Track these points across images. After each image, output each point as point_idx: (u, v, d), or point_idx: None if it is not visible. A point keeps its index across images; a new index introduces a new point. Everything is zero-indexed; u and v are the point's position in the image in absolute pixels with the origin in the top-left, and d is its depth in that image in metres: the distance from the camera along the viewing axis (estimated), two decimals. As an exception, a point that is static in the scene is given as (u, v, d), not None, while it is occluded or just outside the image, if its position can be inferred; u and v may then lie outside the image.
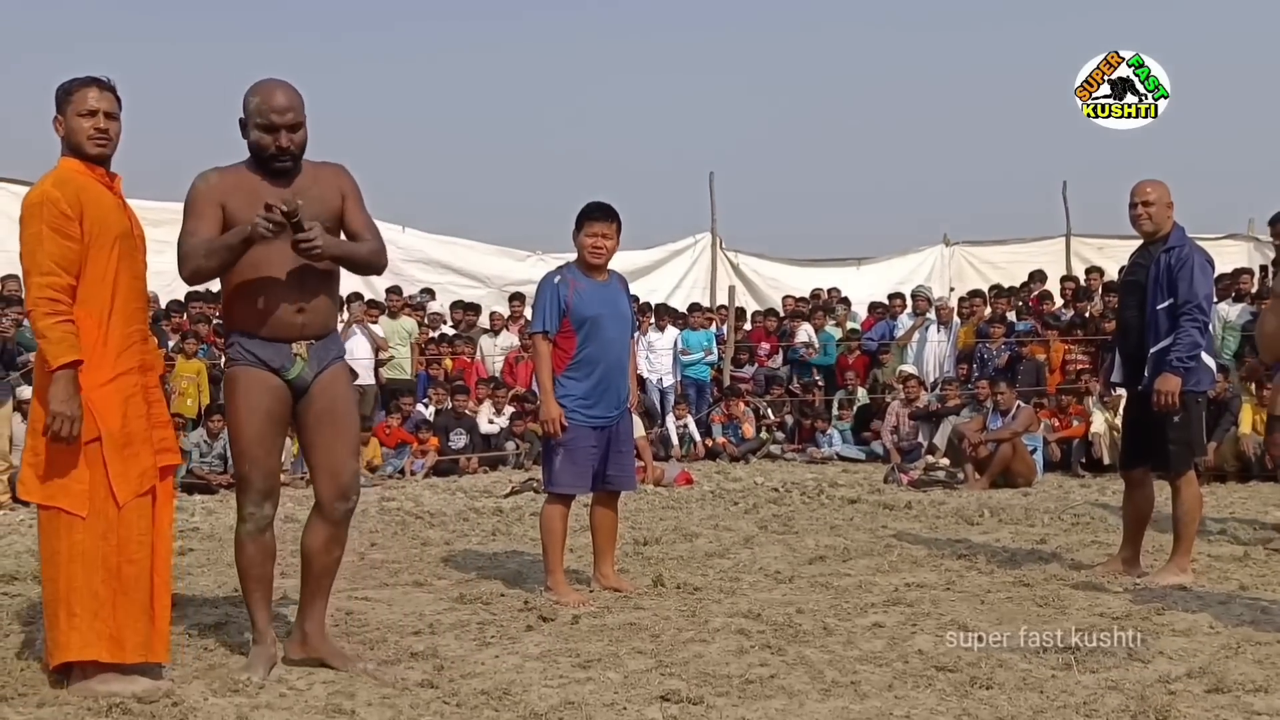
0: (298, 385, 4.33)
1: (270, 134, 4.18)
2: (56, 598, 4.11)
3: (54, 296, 4.05)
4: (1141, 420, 6.17)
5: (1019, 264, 18.24)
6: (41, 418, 4.11)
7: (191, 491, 10.70)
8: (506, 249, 18.45)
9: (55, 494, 4.11)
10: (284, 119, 4.19)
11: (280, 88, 4.23)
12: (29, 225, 4.08)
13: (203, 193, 4.23)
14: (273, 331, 4.26)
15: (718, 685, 4.16)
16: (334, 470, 4.41)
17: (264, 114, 4.19)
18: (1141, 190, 6.19)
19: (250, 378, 4.27)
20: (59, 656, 4.12)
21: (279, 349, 4.28)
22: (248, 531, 4.38)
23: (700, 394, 15.07)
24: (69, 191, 4.10)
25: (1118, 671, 4.28)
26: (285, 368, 4.29)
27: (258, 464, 4.30)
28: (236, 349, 4.30)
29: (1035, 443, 11.50)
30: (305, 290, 4.27)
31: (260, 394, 4.27)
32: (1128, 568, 6.25)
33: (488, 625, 5.21)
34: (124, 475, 4.16)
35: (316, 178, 4.35)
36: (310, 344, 4.33)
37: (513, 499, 10.25)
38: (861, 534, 7.85)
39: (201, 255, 4.15)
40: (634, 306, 6.21)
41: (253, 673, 4.27)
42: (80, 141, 4.20)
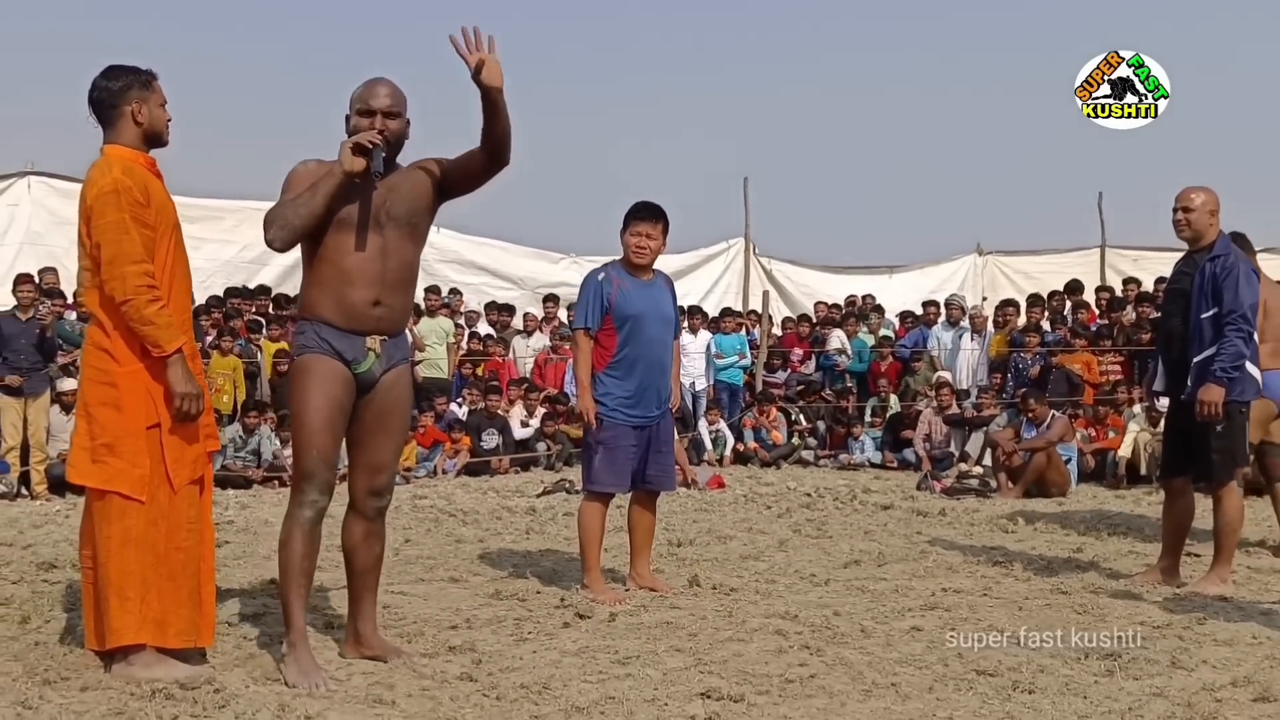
0: (364, 380, 4.30)
1: (367, 118, 4.23)
2: (108, 582, 4.14)
3: (151, 284, 4.13)
4: (1184, 430, 6.12)
5: (1053, 274, 18.15)
6: (98, 402, 4.16)
7: (225, 486, 10.76)
8: (541, 251, 18.51)
9: (113, 478, 4.15)
10: (380, 104, 4.24)
11: (384, 81, 4.32)
12: (108, 213, 4.10)
13: (300, 174, 4.26)
14: (349, 323, 4.24)
15: (758, 684, 4.15)
16: (375, 469, 4.43)
17: (365, 100, 4.26)
18: (1185, 196, 6.15)
19: (323, 365, 4.23)
20: (111, 640, 4.15)
21: (353, 341, 4.25)
22: (305, 519, 4.25)
23: (733, 398, 15.05)
24: (138, 180, 4.18)
25: (1161, 679, 4.24)
26: (357, 360, 4.26)
27: (323, 452, 4.23)
28: (311, 336, 4.26)
29: (1070, 453, 11.42)
30: (385, 285, 4.26)
31: (332, 382, 4.23)
32: (1166, 578, 6.20)
33: (524, 621, 5.22)
34: (179, 461, 4.22)
35: (408, 175, 4.37)
36: (383, 340, 4.32)
37: (545, 499, 10.27)
38: (896, 539, 7.82)
39: (289, 209, 4.16)
40: (679, 308, 6.20)
41: (310, 680, 4.10)
42: (160, 130, 4.36)
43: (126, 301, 4.09)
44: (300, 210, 4.14)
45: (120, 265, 4.09)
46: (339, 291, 4.22)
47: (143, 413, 4.17)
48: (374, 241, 4.22)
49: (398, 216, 4.27)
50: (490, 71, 4.06)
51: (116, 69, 4.32)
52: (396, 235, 4.27)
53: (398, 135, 4.30)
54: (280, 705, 3.82)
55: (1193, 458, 6.12)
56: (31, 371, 10.75)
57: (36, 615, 5.13)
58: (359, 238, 4.20)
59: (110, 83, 4.28)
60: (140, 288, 4.09)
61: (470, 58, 4.07)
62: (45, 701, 3.85)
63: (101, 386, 4.18)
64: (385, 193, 4.25)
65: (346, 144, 4.15)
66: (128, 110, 4.27)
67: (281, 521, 4.36)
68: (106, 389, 4.17)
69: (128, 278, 4.08)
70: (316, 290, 4.27)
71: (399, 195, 4.28)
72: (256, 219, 17.25)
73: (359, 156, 4.12)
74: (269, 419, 11.97)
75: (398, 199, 4.27)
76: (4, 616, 5.12)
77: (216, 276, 14.50)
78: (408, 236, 4.32)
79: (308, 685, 4.06)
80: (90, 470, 4.17)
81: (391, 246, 4.26)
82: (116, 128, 4.28)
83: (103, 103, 4.27)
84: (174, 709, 3.78)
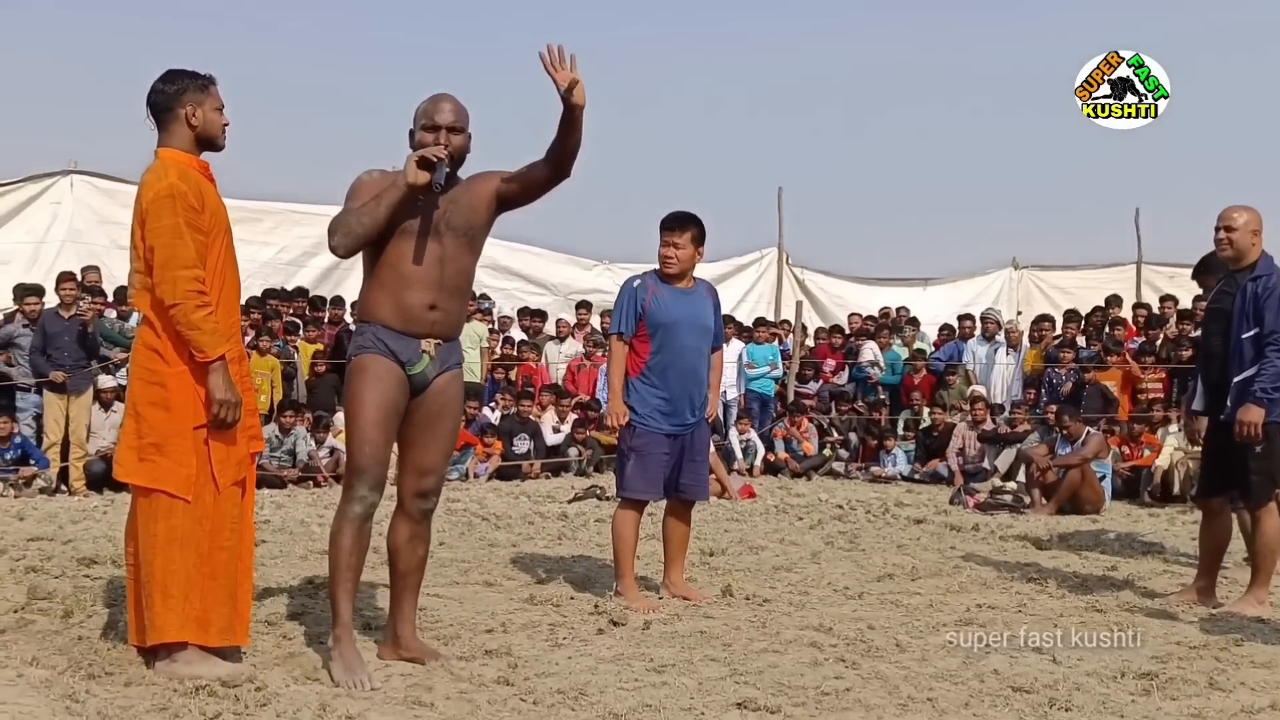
0: (418, 381, 4.42)
1: (432, 133, 4.37)
2: (152, 579, 4.20)
3: (201, 289, 4.20)
4: (1222, 449, 6.09)
5: (1089, 290, 18.06)
6: (147, 402, 4.22)
7: (260, 486, 10.82)
8: (574, 258, 18.56)
9: (160, 477, 4.21)
10: (445, 119, 4.38)
11: (450, 98, 4.46)
12: (164, 217, 4.16)
13: (365, 183, 4.39)
14: (405, 325, 4.36)
15: (794, 695, 4.17)
16: (424, 471, 4.53)
17: (430, 116, 4.40)
18: (1227, 215, 6.13)
19: (380, 365, 4.35)
20: (153, 637, 4.20)
21: (409, 343, 4.37)
22: (355, 515, 4.33)
23: (764, 408, 15.05)
24: (192, 185, 4.24)
25: (1199, 700, 4.22)
26: (412, 362, 4.38)
27: (377, 450, 4.32)
28: (369, 337, 4.38)
29: (1104, 470, 11.36)
30: (442, 290, 4.39)
31: (388, 382, 4.35)
32: (1203, 598, 6.16)
33: (559, 627, 5.24)
34: (225, 462, 4.28)
35: (469, 187, 4.49)
36: (438, 344, 4.44)
37: (577, 505, 10.31)
38: (929, 554, 7.81)
39: (353, 218, 4.27)
40: (720, 318, 6.20)
41: (355, 675, 4.17)
42: (215, 134, 4.42)
43: (175, 305, 4.14)
44: (364, 219, 4.26)
45: (172, 269, 4.15)
46: (397, 295, 4.36)
47: (191, 413, 4.23)
48: (433, 250, 4.36)
49: (456, 227, 4.41)
50: (579, 91, 4.25)
51: (175, 72, 4.39)
52: (454, 245, 4.41)
53: (460, 150, 4.43)
54: (321, 705, 3.86)
55: (1231, 478, 6.09)
56: (74, 368, 10.89)
57: (79, 610, 5.19)
58: (419, 246, 4.34)
59: (166, 86, 4.35)
60: (190, 293, 4.15)
61: (559, 75, 4.23)
62: (91, 695, 3.90)
63: (151, 386, 4.24)
64: (446, 204, 4.39)
65: (412, 158, 4.27)
66: (182, 113, 4.33)
67: (331, 520, 4.45)
68: (156, 389, 4.23)
69: (178, 282, 4.14)
70: (376, 294, 4.41)
71: (459, 207, 4.42)
72: (295, 221, 17.44)
73: (423, 170, 4.25)
74: (305, 419, 12.06)
75: (457, 211, 4.41)
76: (47, 611, 5.19)
77: (254, 278, 14.60)
78: (465, 246, 4.46)
79: (352, 681, 4.14)
80: (138, 469, 4.24)
81: (449, 255, 4.40)
82: (171, 130, 4.34)
83: (158, 105, 4.34)
84: (217, 706, 3.82)
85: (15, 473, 10.50)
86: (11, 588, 5.71)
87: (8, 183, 14.61)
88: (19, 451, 10.67)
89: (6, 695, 3.86)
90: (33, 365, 11.02)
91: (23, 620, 4.97)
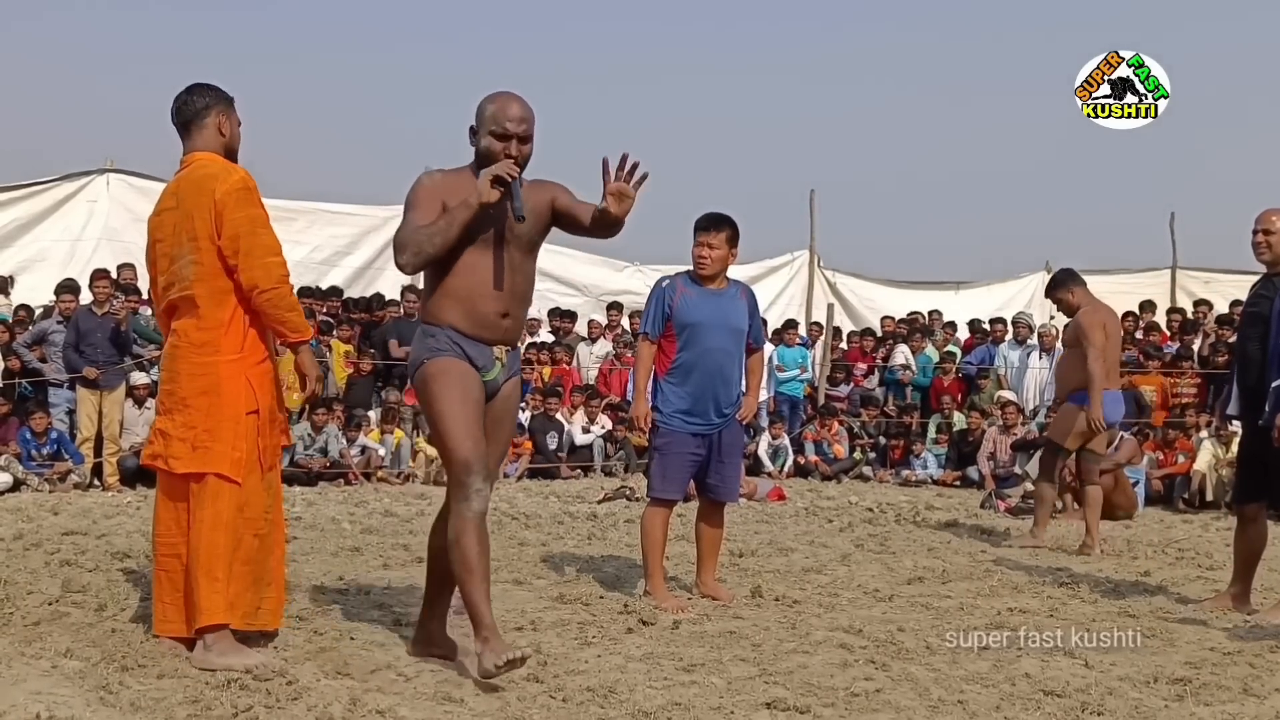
0: (489, 387, 4.39)
1: (502, 141, 4.28)
2: (197, 563, 4.34)
3: (288, 274, 4.47)
4: (1259, 455, 6.02)
5: (1123, 295, 17.87)
6: (197, 393, 4.39)
7: (291, 483, 10.90)
8: (605, 259, 18.53)
9: (212, 460, 4.37)
10: (518, 128, 4.30)
11: (517, 99, 4.36)
12: (245, 208, 4.37)
13: (427, 188, 4.32)
14: (478, 332, 4.34)
15: (823, 696, 4.15)
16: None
17: (499, 121, 4.29)
18: (1265, 218, 6.08)
19: (461, 366, 4.31)
20: (202, 620, 4.31)
21: (483, 350, 4.36)
22: (474, 512, 4.19)
23: (794, 411, 15.01)
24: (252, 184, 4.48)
25: (1234, 705, 4.18)
26: (486, 368, 4.36)
27: (478, 443, 4.25)
28: (444, 340, 4.31)
29: (1137, 475, 11.28)
30: (512, 298, 4.37)
31: (472, 383, 4.31)
32: (1237, 604, 6.11)
33: (588, 625, 5.25)
34: (268, 449, 4.50)
35: (532, 194, 4.41)
36: (508, 350, 4.45)
37: (606, 505, 10.32)
38: (960, 557, 7.77)
39: (424, 237, 4.19)
40: (758, 320, 6.16)
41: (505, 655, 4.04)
42: (236, 147, 4.63)
43: (273, 289, 4.38)
44: (435, 240, 4.18)
45: (262, 256, 4.37)
46: (471, 303, 4.31)
47: (243, 400, 4.42)
48: (503, 259, 4.32)
49: (521, 236, 4.36)
50: (622, 207, 4.20)
51: (202, 86, 4.61)
52: (519, 253, 4.39)
53: (528, 158, 4.37)
54: (352, 699, 3.88)
55: (1268, 483, 6.03)
56: (108, 365, 11.00)
57: (113, 603, 5.25)
58: (490, 255, 4.30)
59: (198, 97, 4.57)
60: (284, 277, 4.43)
61: (613, 190, 4.17)
62: (124, 687, 3.95)
63: (200, 378, 4.41)
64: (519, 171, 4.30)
65: (487, 175, 4.18)
66: (213, 122, 4.55)
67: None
68: (205, 379, 4.40)
69: (271, 268, 4.38)
70: (447, 301, 4.34)
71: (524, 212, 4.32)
72: (327, 220, 17.57)
73: (497, 187, 4.18)
74: (337, 418, 12.12)
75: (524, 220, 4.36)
76: (81, 604, 5.24)
77: (287, 277, 14.68)
78: (528, 253, 4.44)
79: (504, 657, 4.02)
80: (192, 457, 4.39)
81: (517, 263, 4.37)
82: (204, 136, 4.57)
83: (191, 113, 4.56)
84: (248, 699, 3.85)
85: (50, 468, 10.61)
86: (46, 581, 5.77)
87: (45, 181, 14.76)
88: (55, 447, 10.78)
89: (42, 686, 3.90)
90: (66, 361, 11.13)
91: (57, 613, 5.02)
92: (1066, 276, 8.59)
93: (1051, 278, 8.74)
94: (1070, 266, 8.78)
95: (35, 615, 4.95)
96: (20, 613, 4.98)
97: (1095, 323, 8.15)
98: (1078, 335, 8.23)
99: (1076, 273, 8.63)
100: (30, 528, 7.91)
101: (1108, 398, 8.19)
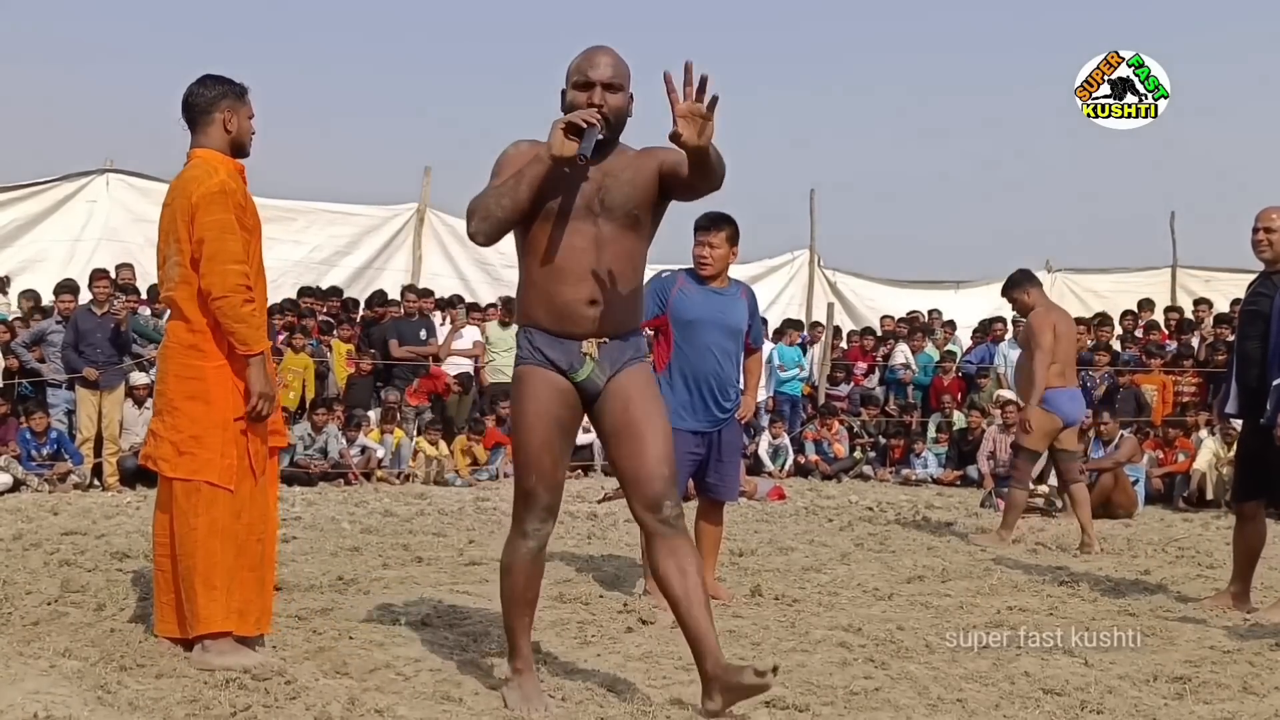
0: (588, 389, 3.86)
1: (584, 91, 3.78)
2: (194, 572, 4.28)
3: (247, 284, 4.31)
4: (1258, 454, 6.02)
5: (1123, 293, 17.93)
6: (185, 397, 4.32)
7: (291, 483, 10.90)
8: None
9: (201, 468, 4.30)
10: (600, 75, 3.78)
11: (605, 50, 3.86)
12: (214, 212, 4.27)
13: (511, 156, 3.84)
14: (561, 326, 3.81)
15: (822, 695, 4.15)
16: (638, 480, 3.86)
17: (582, 70, 3.81)
18: (1266, 216, 6.07)
19: (537, 379, 3.83)
20: (200, 628, 4.29)
21: (568, 347, 3.82)
22: (528, 551, 3.86)
23: (793, 410, 15.01)
24: (238, 185, 4.41)
25: (1233, 704, 4.18)
26: (574, 368, 3.83)
27: (544, 476, 3.81)
28: (525, 345, 3.88)
29: (1137, 474, 11.28)
30: (600, 281, 3.79)
31: (548, 398, 3.82)
32: (1237, 603, 6.10)
33: (588, 625, 5.25)
34: (258, 454, 4.41)
35: (633, 160, 3.88)
36: (603, 343, 3.85)
37: (606, 505, 10.32)
38: (959, 556, 7.77)
39: (491, 199, 3.72)
40: (757, 320, 6.13)
41: (533, 705, 3.84)
42: (246, 140, 4.53)
43: (223, 298, 4.24)
44: (503, 200, 3.71)
45: (222, 262, 4.25)
46: (549, 291, 3.81)
47: (230, 406, 4.34)
48: (586, 233, 3.77)
49: (614, 206, 3.80)
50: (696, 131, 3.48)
51: (212, 78, 4.51)
52: (613, 226, 3.80)
53: (618, 112, 3.83)
54: (350, 699, 3.88)
55: (1267, 482, 6.03)
56: (107, 365, 10.99)
57: (111, 603, 5.24)
58: (570, 229, 3.76)
59: (206, 90, 4.47)
60: (238, 286, 4.26)
61: (681, 108, 3.46)
62: (122, 687, 3.94)
63: (188, 381, 4.34)
64: (601, 178, 3.80)
65: (558, 124, 3.67)
66: (219, 117, 4.46)
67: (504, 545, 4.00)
68: (193, 383, 4.33)
69: (228, 275, 4.25)
70: (529, 291, 3.87)
71: (618, 182, 3.81)
72: (327, 220, 17.52)
73: (572, 138, 3.65)
74: (337, 418, 12.11)
75: (616, 186, 3.81)
76: (80, 604, 5.24)
77: (286, 277, 14.67)
78: (627, 228, 3.83)
79: (529, 710, 3.83)
80: (179, 463, 4.33)
81: (607, 238, 3.79)
82: (207, 133, 4.47)
83: (197, 107, 4.47)
84: (247, 698, 3.85)
85: (50, 468, 10.61)
86: (45, 581, 5.77)
87: (45, 181, 14.75)
88: (54, 447, 10.77)
89: (40, 685, 3.90)
90: (65, 361, 11.12)
91: (56, 612, 5.02)
92: (1022, 277, 8.73)
93: (1009, 278, 8.83)
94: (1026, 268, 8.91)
95: (34, 615, 4.94)
96: (19, 613, 4.97)
97: (1045, 324, 8.28)
98: (1029, 336, 8.38)
99: (1033, 274, 8.80)
100: (30, 528, 7.91)
101: (1065, 396, 8.36)
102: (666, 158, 3.80)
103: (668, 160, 3.80)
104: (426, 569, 6.67)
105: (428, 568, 6.72)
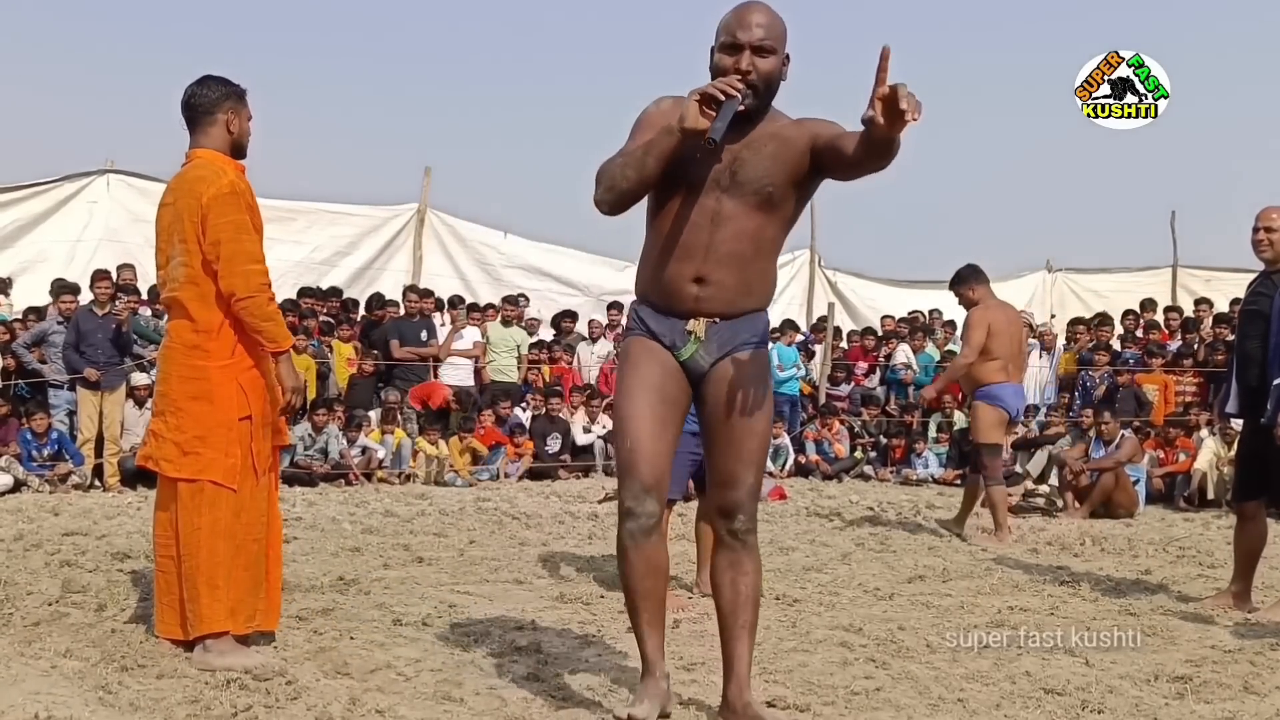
0: (693, 369, 3.65)
1: (731, 54, 3.46)
2: (198, 571, 4.30)
3: (268, 282, 4.35)
4: (1258, 453, 6.02)
5: (1124, 293, 17.92)
6: (188, 397, 4.34)
7: (292, 483, 10.90)
8: (605, 258, 18.52)
9: (205, 468, 4.32)
10: (750, 36, 3.44)
11: (759, 7, 3.49)
12: (227, 213, 4.28)
13: (651, 116, 3.60)
14: (666, 302, 3.62)
15: (823, 695, 4.15)
16: (718, 481, 3.75)
17: (730, 30, 3.47)
18: (1266, 215, 6.07)
19: (642, 348, 3.65)
20: (201, 628, 4.30)
21: (672, 324, 3.62)
22: (629, 533, 3.58)
23: (793, 410, 15.00)
24: (246, 185, 4.42)
25: (1234, 703, 4.18)
26: (678, 346, 3.63)
27: (639, 445, 3.55)
28: (633, 317, 3.75)
29: (1138, 473, 11.27)
30: (711, 258, 3.53)
31: (651, 366, 3.62)
32: (1238, 602, 6.10)
33: (588, 625, 5.25)
34: (262, 454, 4.42)
35: (779, 132, 3.55)
36: (712, 322, 3.61)
37: (607, 505, 10.31)
38: (961, 556, 7.77)
39: (617, 168, 3.49)
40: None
41: (637, 709, 3.57)
42: (245, 142, 4.55)
43: (249, 298, 4.28)
44: (628, 172, 3.46)
45: (242, 263, 4.28)
46: (659, 265, 3.60)
47: (235, 405, 4.36)
48: (706, 207, 3.52)
49: (745, 180, 3.51)
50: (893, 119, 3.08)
51: (213, 79, 4.52)
52: (738, 202, 3.52)
53: (768, 78, 3.49)
54: (351, 699, 3.88)
55: (1267, 481, 6.03)
56: (108, 366, 10.99)
57: (112, 603, 5.24)
58: (691, 203, 3.52)
59: (208, 90, 4.48)
60: (263, 285, 4.32)
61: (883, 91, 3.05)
62: (124, 688, 3.94)
63: (191, 382, 4.35)
64: (739, 149, 3.50)
65: (695, 93, 3.36)
66: (223, 118, 4.47)
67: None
68: (197, 383, 4.34)
69: (250, 276, 4.29)
70: (644, 264, 3.68)
71: (758, 155, 3.52)
72: (327, 221, 17.50)
73: (709, 111, 3.34)
74: (337, 418, 12.11)
75: (754, 160, 3.51)
76: (81, 604, 5.23)
77: (287, 277, 14.65)
78: (757, 206, 3.53)
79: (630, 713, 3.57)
80: (183, 463, 4.34)
81: (727, 214, 3.52)
82: (209, 133, 4.47)
83: (199, 108, 4.47)
84: (248, 699, 3.85)
85: (51, 469, 10.61)
86: (46, 581, 5.76)
87: (45, 182, 14.74)
88: (55, 447, 10.77)
89: (41, 686, 3.90)
90: (66, 362, 11.12)
91: (57, 613, 5.01)
92: (970, 273, 8.80)
93: (955, 273, 8.89)
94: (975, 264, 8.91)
95: (35, 616, 4.94)
96: (20, 613, 4.97)
97: (980, 321, 8.43)
98: (964, 331, 8.54)
99: (981, 270, 8.85)
100: (30, 528, 7.91)
101: (1010, 390, 8.58)
102: (822, 131, 3.49)
103: (823, 134, 3.48)
104: (427, 569, 6.67)
105: (428, 568, 6.72)
